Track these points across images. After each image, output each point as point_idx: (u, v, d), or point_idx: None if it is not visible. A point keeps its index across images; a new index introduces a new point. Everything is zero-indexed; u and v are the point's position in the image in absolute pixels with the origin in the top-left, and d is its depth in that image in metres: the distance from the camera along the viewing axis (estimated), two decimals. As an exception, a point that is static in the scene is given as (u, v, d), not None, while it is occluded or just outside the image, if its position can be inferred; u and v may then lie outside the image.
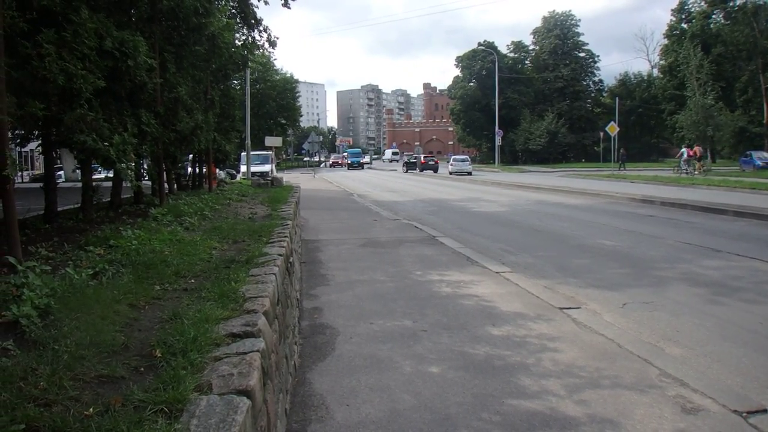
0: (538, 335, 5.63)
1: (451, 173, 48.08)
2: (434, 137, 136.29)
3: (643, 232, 13.18)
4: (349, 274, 8.61)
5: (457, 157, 54.95)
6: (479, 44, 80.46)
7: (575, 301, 7.12)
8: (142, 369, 2.60)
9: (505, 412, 3.97)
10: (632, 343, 5.43)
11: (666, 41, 75.07)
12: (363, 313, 6.45)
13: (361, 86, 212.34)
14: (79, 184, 8.98)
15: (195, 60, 12.45)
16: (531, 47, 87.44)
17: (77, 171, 10.94)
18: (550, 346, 5.32)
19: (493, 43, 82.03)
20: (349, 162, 78.06)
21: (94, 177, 12.44)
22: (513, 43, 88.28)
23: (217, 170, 22.43)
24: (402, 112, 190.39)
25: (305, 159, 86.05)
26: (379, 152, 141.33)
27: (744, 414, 3.96)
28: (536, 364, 4.87)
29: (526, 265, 9.54)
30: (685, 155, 37.79)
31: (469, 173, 47.82)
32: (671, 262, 9.58)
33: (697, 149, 38.37)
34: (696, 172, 34.88)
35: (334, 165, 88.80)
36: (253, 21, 15.90)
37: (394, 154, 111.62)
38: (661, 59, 77.74)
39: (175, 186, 14.83)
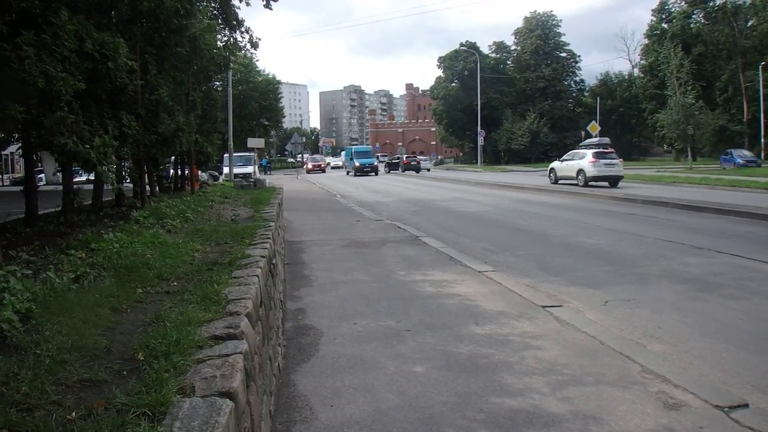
0: (521, 333, 5.67)
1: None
2: (417, 137, 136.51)
3: (625, 230, 13.32)
4: (333, 274, 8.61)
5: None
6: (461, 45, 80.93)
7: (558, 299, 7.17)
8: (125, 372, 2.59)
9: (489, 410, 4.00)
10: (614, 340, 5.47)
11: (647, 41, 75.94)
12: (346, 314, 6.45)
13: (344, 87, 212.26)
14: (61, 187, 8.91)
15: (176, 61, 12.37)
16: (513, 47, 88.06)
17: (58, 174, 10.84)
18: (533, 344, 5.36)
19: (475, 43, 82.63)
20: (358, 165, 53.77)
21: (76, 180, 12.36)
22: (495, 43, 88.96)
23: (200, 172, 22.31)
24: (385, 113, 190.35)
25: (289, 160, 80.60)
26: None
27: (726, 409, 4.01)
28: (519, 362, 4.91)
29: (508, 264, 9.60)
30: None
31: (428, 170, 63.08)
32: (652, 260, 9.69)
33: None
34: None
35: (314, 169, 69.38)
36: (234, 22, 15.86)
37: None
38: (641, 59, 78.67)
39: (157, 188, 14.75)
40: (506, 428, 3.74)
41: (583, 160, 27.41)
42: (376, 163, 56.55)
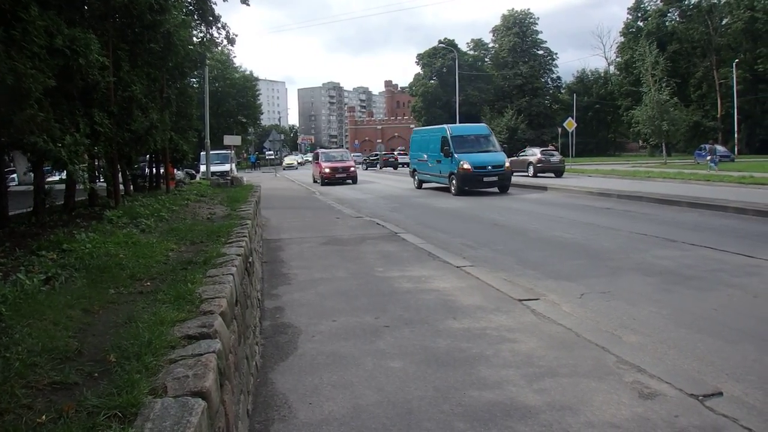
0: (497, 327, 5.70)
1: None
2: (396, 134, 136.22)
3: (600, 224, 13.45)
4: (312, 272, 8.58)
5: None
6: (440, 42, 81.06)
7: (534, 292, 7.23)
8: (96, 374, 2.55)
9: (466, 403, 4.02)
10: (590, 332, 5.54)
11: (622, 39, 76.72)
12: (325, 311, 6.44)
13: (323, 84, 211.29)
14: (33, 187, 8.76)
15: (150, 58, 12.22)
16: (491, 45, 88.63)
17: (30, 173, 10.65)
18: (509, 337, 5.40)
19: (453, 41, 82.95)
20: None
21: (50, 179, 12.15)
22: (473, 40, 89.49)
23: (175, 170, 22.06)
24: (364, 110, 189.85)
25: (267, 157, 74.80)
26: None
27: (700, 397, 4.08)
28: (496, 355, 4.94)
29: (486, 258, 9.65)
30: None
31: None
32: (627, 253, 9.80)
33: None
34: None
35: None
36: (211, 18, 15.72)
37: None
38: (617, 56, 79.50)
39: (132, 187, 14.58)
40: (484, 421, 3.76)
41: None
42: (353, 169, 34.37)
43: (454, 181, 23.03)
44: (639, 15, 74.80)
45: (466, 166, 22.52)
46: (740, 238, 10.89)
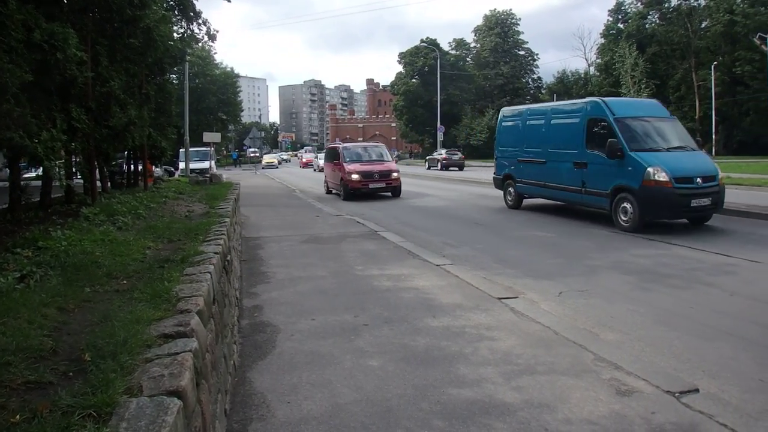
0: (476, 325, 5.73)
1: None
2: (377, 133, 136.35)
3: (578, 222, 13.60)
4: (291, 270, 8.56)
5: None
6: (422, 41, 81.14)
7: (513, 291, 7.28)
8: (71, 374, 2.52)
9: (445, 401, 4.04)
10: (568, 330, 5.60)
11: (603, 40, 77.27)
12: (304, 310, 6.42)
13: (304, 81, 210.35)
14: (8, 184, 8.61)
15: (129, 53, 12.06)
16: (472, 45, 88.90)
17: (6, 170, 10.47)
18: (488, 335, 5.44)
19: (435, 40, 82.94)
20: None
21: (27, 176, 11.96)
22: (455, 40, 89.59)
23: (154, 167, 21.84)
24: (345, 108, 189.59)
25: (250, 154, 71.91)
26: (322, 148, 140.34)
27: (677, 394, 4.14)
28: (475, 353, 4.97)
29: (466, 257, 9.69)
30: None
31: None
32: (605, 252, 9.91)
33: None
34: None
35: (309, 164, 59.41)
36: (192, 13, 15.58)
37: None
38: (597, 58, 79.99)
39: (109, 184, 14.39)
40: (462, 419, 3.78)
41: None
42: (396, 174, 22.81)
43: (627, 205, 12.18)
44: (619, 17, 75.42)
45: (661, 177, 11.74)
46: (717, 237, 11.04)
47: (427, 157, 55.49)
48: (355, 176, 20.86)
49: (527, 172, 16.12)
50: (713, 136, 61.09)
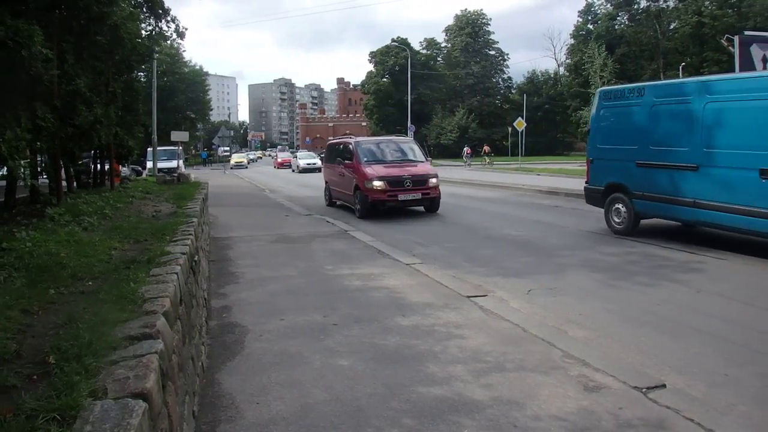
0: (445, 323, 5.77)
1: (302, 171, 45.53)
2: (348, 132, 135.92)
3: (548, 221, 13.73)
4: (261, 270, 8.50)
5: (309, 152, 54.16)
6: (393, 40, 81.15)
7: (483, 289, 7.33)
8: (35, 377, 2.47)
9: (414, 400, 4.05)
10: (537, 328, 5.65)
11: (572, 41, 78.19)
12: (274, 310, 6.39)
13: (274, 80, 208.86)
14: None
15: (96, 51, 11.87)
16: (443, 44, 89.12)
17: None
18: (457, 333, 5.47)
19: (406, 39, 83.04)
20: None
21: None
22: (426, 40, 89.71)
23: (121, 167, 21.51)
24: (316, 107, 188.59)
25: (221, 154, 69.60)
26: (292, 146, 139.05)
27: (644, 389, 4.21)
28: (444, 351, 5.00)
29: (436, 256, 9.74)
30: (466, 152, 50.65)
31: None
32: (573, 250, 10.03)
33: (486, 148, 51.75)
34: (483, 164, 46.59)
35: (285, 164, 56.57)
36: (160, 11, 15.30)
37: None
38: (567, 58, 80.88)
39: (75, 184, 14.12)
40: (431, 417, 3.80)
41: (300, 160, 48.33)
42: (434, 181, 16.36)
43: None
44: (589, 18, 76.29)
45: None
46: (687, 235, 11.22)
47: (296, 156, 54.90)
48: (377, 183, 15.05)
49: (656, 183, 10.88)
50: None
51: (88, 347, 2.65)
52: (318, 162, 42.17)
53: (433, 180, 15.62)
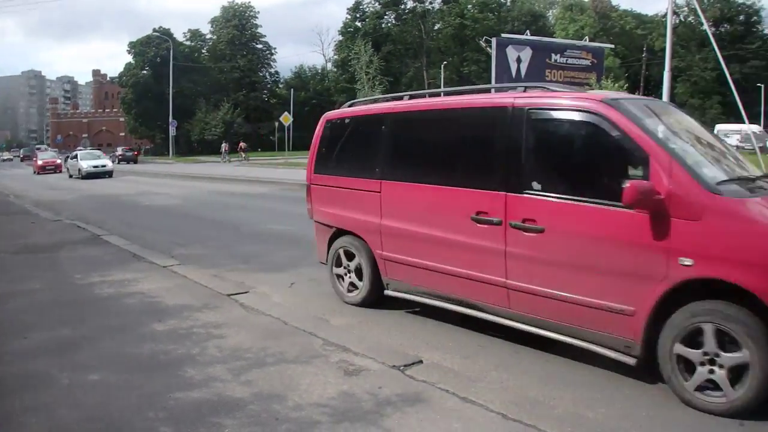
0: (204, 324, 5.68)
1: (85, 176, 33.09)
2: (104, 128, 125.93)
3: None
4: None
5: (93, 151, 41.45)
6: (154, 30, 76.98)
7: (244, 286, 7.29)
8: None
9: (171, 407, 3.96)
10: (298, 320, 5.77)
11: (341, 37, 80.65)
12: (15, 329, 5.73)
13: (22, 72, 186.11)
14: None
15: None
16: (209, 36, 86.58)
17: None
18: (216, 333, 5.42)
19: (169, 29, 79.41)
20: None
21: None
22: (190, 31, 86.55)
23: None
24: (68, 102, 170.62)
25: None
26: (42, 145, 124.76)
27: (402, 367, 4.49)
28: (202, 353, 4.93)
29: (196, 256, 9.52)
30: (224, 148, 52.81)
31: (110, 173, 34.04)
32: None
33: (242, 144, 55.39)
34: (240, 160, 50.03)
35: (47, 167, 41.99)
36: None
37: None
38: (335, 54, 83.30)
39: None
40: (190, 421, 3.73)
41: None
42: None
43: None
44: (357, 15, 79.21)
45: None
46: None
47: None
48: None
49: None
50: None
51: None
52: (109, 164, 35.98)
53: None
